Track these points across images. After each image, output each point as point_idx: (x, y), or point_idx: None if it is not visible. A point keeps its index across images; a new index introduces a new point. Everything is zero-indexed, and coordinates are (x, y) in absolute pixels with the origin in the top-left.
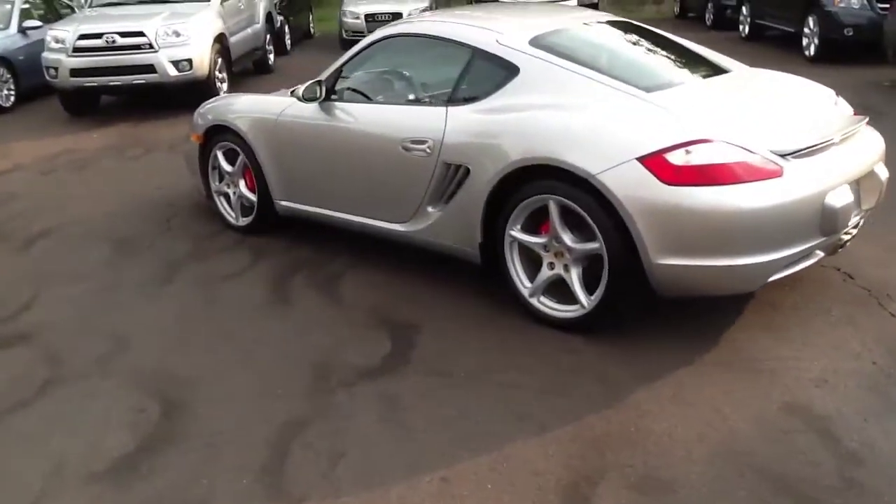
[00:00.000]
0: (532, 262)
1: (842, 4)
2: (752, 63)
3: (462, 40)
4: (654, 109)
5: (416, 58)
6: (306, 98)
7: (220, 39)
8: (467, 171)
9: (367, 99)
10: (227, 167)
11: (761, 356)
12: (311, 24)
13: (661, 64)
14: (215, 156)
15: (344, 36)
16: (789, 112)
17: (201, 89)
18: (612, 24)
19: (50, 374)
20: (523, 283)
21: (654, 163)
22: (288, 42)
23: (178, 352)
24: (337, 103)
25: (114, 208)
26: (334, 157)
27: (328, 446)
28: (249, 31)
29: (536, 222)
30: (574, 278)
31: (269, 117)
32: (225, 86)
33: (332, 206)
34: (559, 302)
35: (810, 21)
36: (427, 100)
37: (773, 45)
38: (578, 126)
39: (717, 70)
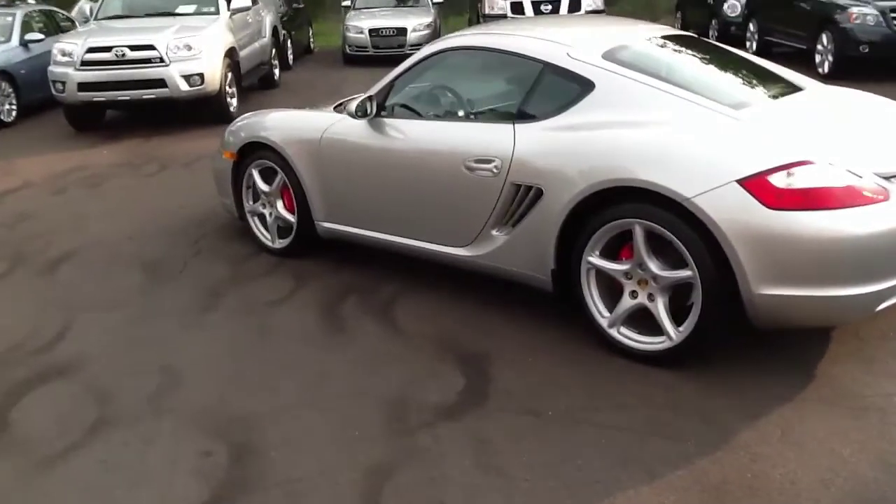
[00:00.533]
0: (609, 289)
1: (857, 21)
2: None
3: (531, 54)
4: (747, 128)
5: (474, 72)
6: (357, 114)
7: (231, 54)
8: (539, 193)
9: (422, 115)
10: (263, 186)
11: (864, 392)
12: (311, 39)
13: (737, 80)
14: (250, 174)
15: (348, 51)
16: (881, 131)
17: (211, 105)
18: (675, 38)
19: (99, 413)
20: (601, 313)
21: (756, 185)
22: (290, 57)
23: (235, 387)
24: (390, 120)
25: (136, 228)
26: (387, 177)
27: (425, 495)
28: (257, 45)
29: (615, 247)
30: (660, 308)
31: (313, 135)
32: (234, 101)
33: (383, 229)
34: (641, 333)
35: (824, 38)
36: (490, 117)
37: (784, 62)
38: (669, 146)
39: (792, 87)
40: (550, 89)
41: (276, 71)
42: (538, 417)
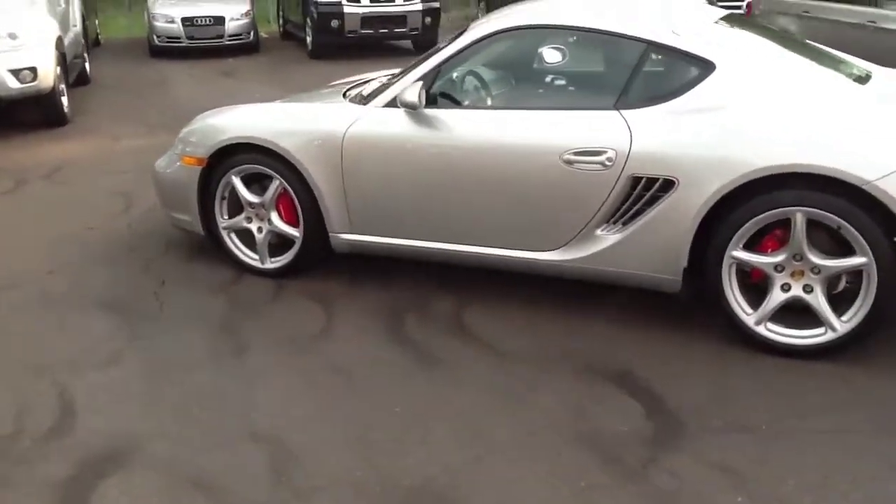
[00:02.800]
0: (744, 285)
1: None
2: None
3: (630, 33)
4: (890, 106)
5: (541, 54)
6: (405, 105)
7: (59, 44)
8: (669, 185)
9: (491, 105)
10: (250, 196)
11: None
12: (98, 30)
13: (829, 58)
14: (227, 183)
15: (156, 42)
16: None
17: (43, 105)
18: (734, 17)
19: None
20: (744, 310)
21: None
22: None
23: (383, 451)
24: (449, 111)
25: (50, 260)
26: (448, 177)
27: None
28: (72, 34)
29: (754, 239)
30: (820, 299)
31: (331, 131)
32: (65, 100)
33: (436, 238)
34: (792, 327)
35: None
36: (581, 103)
37: None
38: (833, 127)
39: (864, 69)
40: (660, 71)
41: (87, 65)
42: (754, 433)
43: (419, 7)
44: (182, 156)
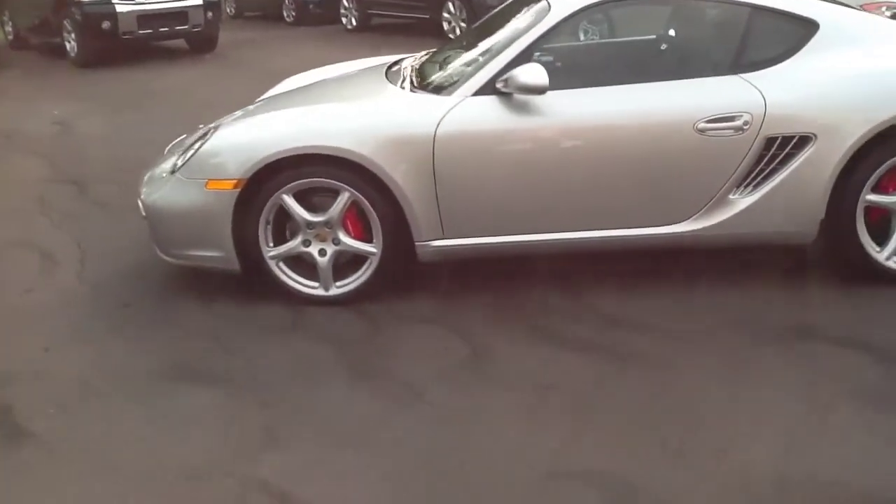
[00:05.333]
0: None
1: None
2: None
3: None
4: None
5: (645, 24)
6: (526, 88)
7: None
8: (805, 141)
9: (598, 82)
10: (307, 216)
11: None
12: None
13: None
14: (276, 205)
15: None
16: None
17: None
18: None
19: None
20: (874, 248)
21: None
22: None
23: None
24: (563, 92)
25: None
26: (567, 161)
27: None
28: None
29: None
30: None
31: (418, 128)
32: None
33: (553, 227)
34: None
35: (451, 6)
36: (695, 71)
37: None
38: None
39: None
40: (767, 33)
41: None
42: None
43: (199, 1)
44: (206, 180)
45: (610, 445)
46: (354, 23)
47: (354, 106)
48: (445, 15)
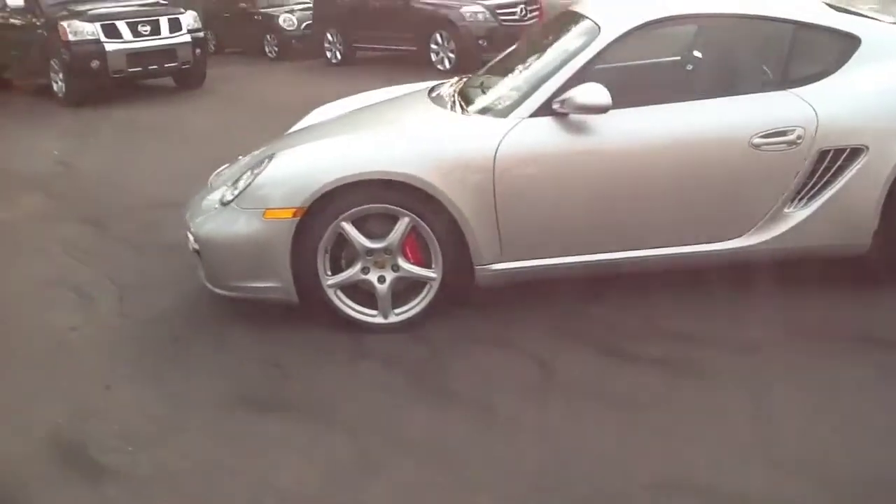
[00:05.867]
0: None
1: (471, 19)
2: None
3: (779, 15)
4: None
5: (694, 43)
6: (588, 108)
7: None
8: (857, 153)
9: (652, 101)
10: (367, 243)
11: None
12: None
13: None
14: (333, 233)
15: None
16: None
17: None
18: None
19: None
20: None
21: None
22: None
23: None
24: (619, 111)
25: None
26: (626, 180)
27: None
28: None
29: None
30: None
31: (478, 152)
32: None
33: (611, 247)
34: None
35: (438, 37)
36: (746, 89)
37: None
38: None
39: None
40: (812, 49)
41: None
42: None
43: (188, 39)
44: (264, 209)
45: (705, 457)
46: (339, 57)
47: (412, 131)
48: (433, 46)
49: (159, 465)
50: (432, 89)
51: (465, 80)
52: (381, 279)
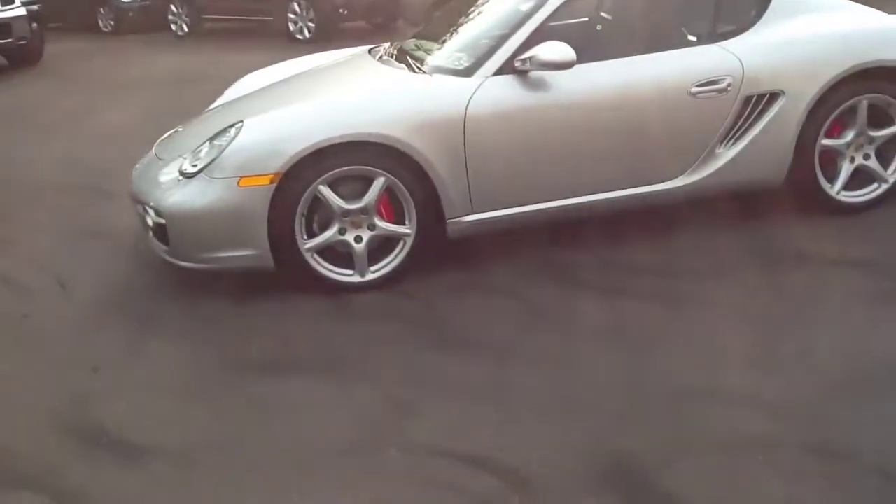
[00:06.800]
0: None
1: None
2: None
3: None
4: None
5: (631, 3)
6: (553, 65)
7: None
8: (774, 97)
9: (600, 56)
10: (343, 204)
11: None
12: None
13: None
14: (310, 197)
15: None
16: None
17: None
18: None
19: None
20: (828, 183)
21: None
22: None
23: None
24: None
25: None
26: (584, 130)
27: None
28: None
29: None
30: (873, 162)
31: (449, 110)
32: None
33: (569, 193)
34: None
35: (296, 6)
36: (680, 42)
37: (245, 36)
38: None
39: None
40: (732, 6)
41: None
42: None
43: (23, 12)
44: (238, 177)
45: (708, 366)
46: (186, 29)
47: (382, 92)
48: (291, 16)
49: (191, 435)
50: (370, 51)
51: (401, 42)
52: (358, 239)
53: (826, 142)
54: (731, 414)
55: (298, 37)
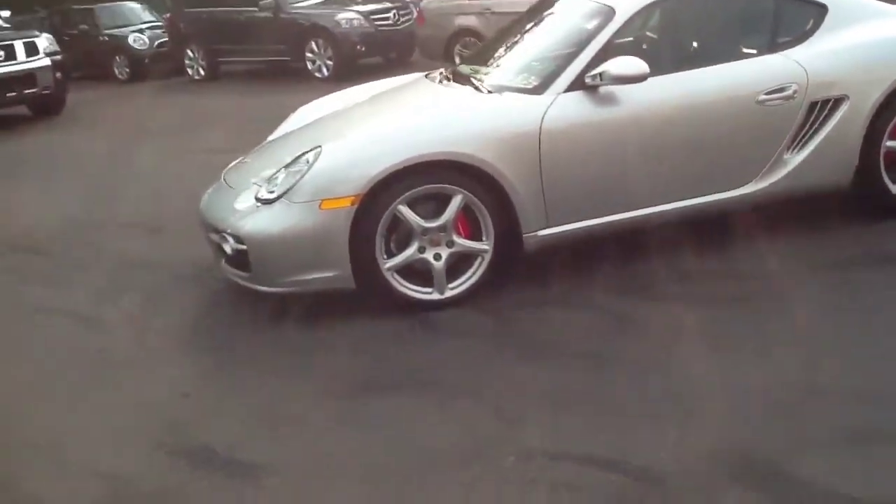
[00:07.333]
0: None
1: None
2: None
3: None
4: None
5: (691, 17)
6: (625, 79)
7: None
8: (839, 102)
9: (668, 69)
10: (423, 223)
11: None
12: None
13: None
14: (391, 216)
15: None
16: None
17: None
18: None
19: None
20: (892, 182)
21: None
22: None
23: None
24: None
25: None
26: (656, 142)
27: None
28: None
29: None
30: None
31: (523, 127)
32: None
33: (641, 204)
34: None
35: (314, 45)
36: (748, 52)
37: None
38: None
39: None
40: (790, 17)
41: None
42: None
43: (47, 62)
44: (320, 200)
45: (805, 362)
46: (202, 73)
47: (455, 112)
48: (309, 55)
49: (300, 453)
50: (426, 76)
51: (454, 66)
52: (437, 256)
53: (890, 143)
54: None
55: (317, 75)
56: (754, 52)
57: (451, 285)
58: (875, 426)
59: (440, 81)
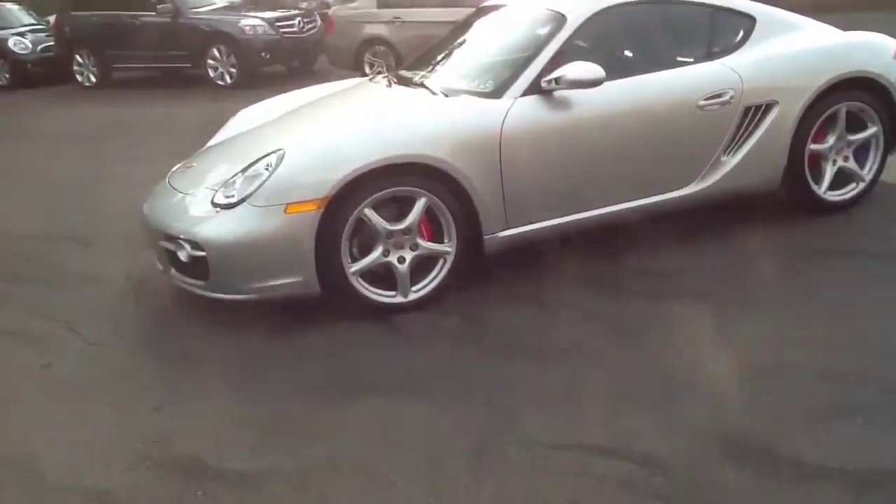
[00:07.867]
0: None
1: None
2: None
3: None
4: None
5: (641, 25)
6: (582, 83)
7: None
8: (771, 106)
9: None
10: (388, 226)
11: None
12: None
13: None
14: (356, 220)
15: None
16: None
17: None
18: None
19: None
20: (816, 184)
21: None
22: None
23: None
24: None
25: None
26: (607, 144)
27: None
28: None
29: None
30: (853, 162)
31: (484, 130)
32: None
33: (595, 204)
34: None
35: (216, 52)
36: (684, 61)
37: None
38: (856, 43)
39: None
40: (725, 27)
41: None
42: None
43: None
44: (285, 205)
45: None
46: (93, 79)
47: (414, 115)
48: (210, 62)
49: (294, 458)
50: (370, 80)
51: (396, 71)
52: (401, 259)
53: (813, 146)
54: (810, 388)
55: (219, 82)
56: (693, 59)
57: (414, 288)
58: (847, 402)
59: (388, 85)
